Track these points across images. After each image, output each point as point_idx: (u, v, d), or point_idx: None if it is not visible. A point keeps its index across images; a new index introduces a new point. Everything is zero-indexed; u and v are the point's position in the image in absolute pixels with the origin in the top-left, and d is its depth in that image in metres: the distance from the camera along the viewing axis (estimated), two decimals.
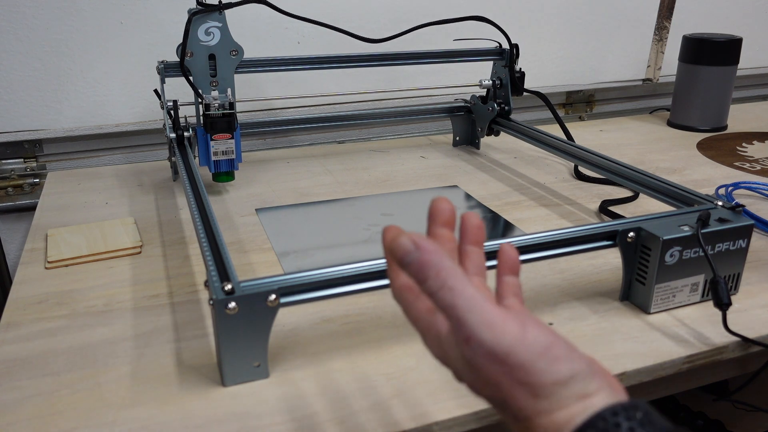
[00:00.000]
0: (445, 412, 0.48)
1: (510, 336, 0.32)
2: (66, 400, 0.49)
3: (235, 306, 0.47)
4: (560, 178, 0.98)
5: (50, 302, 0.63)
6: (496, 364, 0.32)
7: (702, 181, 0.97)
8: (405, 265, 0.34)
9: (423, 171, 1.00)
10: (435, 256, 0.33)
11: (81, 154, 1.04)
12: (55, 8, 0.96)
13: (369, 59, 0.98)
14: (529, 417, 0.32)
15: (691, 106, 1.25)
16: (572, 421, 0.31)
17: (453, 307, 0.32)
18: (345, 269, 0.51)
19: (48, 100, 1.00)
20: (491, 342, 0.32)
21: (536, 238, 0.57)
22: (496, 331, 0.32)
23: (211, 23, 0.83)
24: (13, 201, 1.01)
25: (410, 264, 0.33)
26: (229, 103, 0.84)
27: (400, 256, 0.34)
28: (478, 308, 0.32)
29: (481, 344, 0.32)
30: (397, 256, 0.34)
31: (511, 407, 0.32)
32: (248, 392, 0.50)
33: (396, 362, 0.54)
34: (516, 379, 0.32)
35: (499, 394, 0.32)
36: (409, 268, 0.33)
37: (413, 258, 0.33)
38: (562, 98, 1.36)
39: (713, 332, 0.58)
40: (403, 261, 0.34)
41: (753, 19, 1.53)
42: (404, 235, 0.34)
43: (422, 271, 0.33)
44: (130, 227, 0.78)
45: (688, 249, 0.58)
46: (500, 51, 1.03)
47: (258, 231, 0.78)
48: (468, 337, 0.32)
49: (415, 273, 0.33)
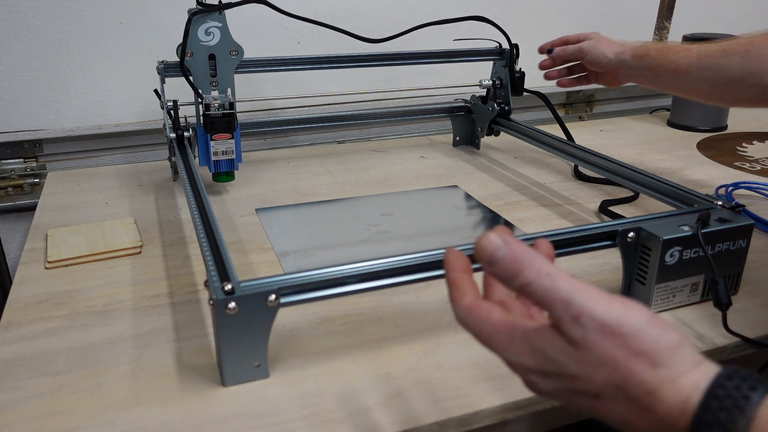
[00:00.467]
0: (446, 411, 0.48)
1: (617, 307, 0.32)
2: (66, 400, 0.49)
3: (235, 306, 0.47)
4: (560, 178, 0.98)
5: (50, 302, 0.63)
6: (610, 337, 0.31)
7: (702, 181, 0.97)
8: (496, 261, 0.34)
9: (423, 171, 1.00)
10: (525, 247, 0.33)
11: (81, 154, 1.04)
12: (55, 8, 0.96)
13: (369, 59, 0.98)
14: (653, 390, 0.31)
15: (691, 106, 1.25)
16: (698, 386, 0.31)
17: (555, 289, 0.32)
18: (345, 269, 0.51)
19: (48, 100, 1.00)
20: (602, 314, 0.31)
21: (536, 238, 0.57)
22: (603, 304, 0.32)
23: (211, 23, 0.83)
24: (13, 201, 1.01)
25: (503, 258, 0.33)
26: (229, 103, 0.84)
27: (491, 251, 0.34)
28: (580, 286, 0.32)
29: (593, 317, 0.31)
30: (488, 252, 0.34)
31: (631, 384, 0.31)
32: (248, 392, 0.50)
33: (396, 362, 0.54)
34: (632, 350, 0.31)
35: (616, 372, 0.31)
36: (501, 263, 0.33)
37: (504, 252, 0.33)
38: (562, 98, 1.36)
39: (713, 332, 0.58)
40: (494, 257, 0.34)
41: (753, 19, 1.53)
42: (491, 232, 0.34)
43: (516, 262, 0.33)
44: (130, 227, 0.78)
45: (688, 249, 0.58)
46: (500, 51, 1.03)
47: (258, 231, 0.78)
48: (578, 314, 0.32)
49: (508, 266, 0.33)
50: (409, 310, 0.61)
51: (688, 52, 0.80)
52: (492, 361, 0.53)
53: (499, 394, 0.50)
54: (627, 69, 0.88)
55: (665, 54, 0.83)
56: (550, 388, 0.34)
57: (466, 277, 0.38)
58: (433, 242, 0.76)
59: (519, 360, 0.35)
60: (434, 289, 0.65)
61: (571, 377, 0.33)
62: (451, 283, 0.37)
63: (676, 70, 0.81)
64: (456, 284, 0.37)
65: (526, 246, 0.34)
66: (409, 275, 0.53)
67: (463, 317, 0.36)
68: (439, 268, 0.54)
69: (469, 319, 0.36)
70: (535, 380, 0.35)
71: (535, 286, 0.33)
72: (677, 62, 0.81)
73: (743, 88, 0.74)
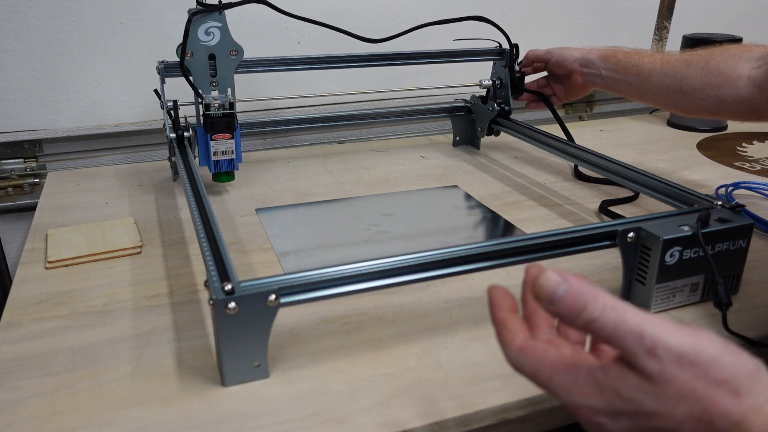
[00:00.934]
0: (446, 411, 0.48)
1: (690, 336, 0.30)
2: (66, 400, 0.49)
3: (235, 306, 0.47)
4: (560, 178, 0.98)
5: (50, 302, 0.63)
6: (689, 368, 0.30)
7: (702, 181, 0.97)
8: (557, 300, 0.32)
9: (423, 171, 1.00)
10: (586, 282, 0.32)
11: (81, 154, 1.04)
12: (55, 8, 0.96)
13: (369, 59, 0.98)
14: (738, 420, 0.29)
15: None
16: None
17: (624, 322, 0.31)
18: (345, 269, 0.51)
19: (48, 100, 1.00)
20: (678, 344, 0.30)
21: (536, 238, 0.57)
22: (677, 334, 0.30)
23: (211, 23, 0.83)
24: (13, 201, 1.00)
25: (564, 295, 0.32)
26: (229, 103, 0.84)
27: (551, 289, 0.32)
28: (649, 317, 0.31)
29: (669, 348, 0.30)
30: (547, 290, 0.32)
31: (714, 416, 0.30)
32: (248, 392, 0.50)
33: (396, 362, 0.54)
34: (712, 379, 0.30)
35: (698, 405, 0.30)
36: (563, 300, 0.32)
37: (565, 288, 0.32)
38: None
39: (713, 332, 0.58)
40: (554, 295, 0.32)
41: (753, 19, 1.53)
42: (548, 270, 0.33)
43: (579, 298, 0.31)
44: (130, 227, 0.78)
45: (688, 249, 0.58)
46: (500, 51, 1.03)
47: (258, 231, 0.78)
48: (653, 345, 0.30)
49: (570, 303, 0.32)
50: (409, 310, 0.61)
51: (653, 58, 0.83)
52: (492, 361, 0.53)
53: (499, 394, 0.50)
54: (592, 68, 0.91)
55: (631, 57, 0.86)
56: (621, 428, 0.32)
57: (514, 316, 0.36)
58: (433, 242, 0.76)
59: (585, 401, 0.32)
60: (434, 289, 0.65)
61: (647, 415, 0.31)
62: (499, 323, 0.36)
63: (639, 74, 0.83)
64: (505, 324, 0.35)
65: (587, 280, 0.32)
66: (409, 275, 0.53)
67: (517, 359, 0.35)
68: (439, 268, 0.54)
69: (525, 361, 0.34)
70: (604, 422, 0.32)
71: (602, 322, 0.31)
72: (641, 66, 0.84)
73: (701, 99, 0.77)
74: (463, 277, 0.66)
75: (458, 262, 0.55)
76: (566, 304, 0.32)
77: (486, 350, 0.55)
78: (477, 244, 0.55)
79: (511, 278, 0.66)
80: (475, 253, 0.55)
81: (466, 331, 0.58)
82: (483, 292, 0.64)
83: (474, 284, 0.66)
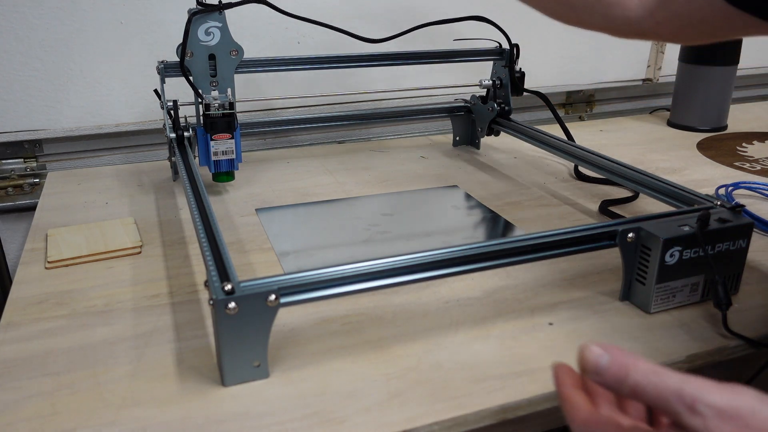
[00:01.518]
0: (446, 411, 0.48)
1: (728, 391, 0.32)
2: (66, 400, 0.49)
3: (235, 306, 0.47)
4: (560, 178, 0.98)
5: (50, 302, 0.63)
6: (730, 420, 0.31)
7: (702, 181, 0.97)
8: (603, 370, 0.34)
9: (423, 171, 1.00)
10: (624, 351, 0.34)
11: (81, 154, 1.04)
12: (55, 8, 0.96)
13: (369, 59, 0.98)
14: None
15: (691, 106, 1.25)
16: None
17: (665, 384, 0.33)
18: (345, 269, 0.51)
19: (48, 100, 1.00)
20: (717, 399, 0.32)
21: (536, 238, 0.57)
22: (715, 390, 0.32)
23: (211, 23, 0.83)
24: (13, 201, 1.01)
25: (608, 366, 0.34)
26: (229, 103, 0.84)
27: (595, 361, 0.34)
28: (687, 377, 0.33)
29: (709, 404, 0.32)
30: (591, 363, 0.34)
31: None
32: (248, 392, 0.50)
33: (396, 362, 0.54)
34: (754, 430, 0.31)
35: None
36: (609, 371, 0.34)
37: (607, 359, 0.34)
38: (562, 98, 1.36)
39: (713, 332, 0.58)
40: (598, 367, 0.34)
41: None
42: (589, 344, 0.35)
43: (622, 368, 0.34)
44: (130, 227, 0.78)
45: (688, 249, 0.58)
46: (500, 51, 1.03)
47: (258, 231, 0.78)
48: (693, 402, 0.32)
49: (615, 372, 0.34)
50: (409, 310, 0.61)
51: None
52: (492, 361, 0.53)
53: (499, 394, 0.50)
54: None
55: None
56: None
57: (578, 392, 0.38)
58: (433, 242, 0.76)
59: None
60: (434, 289, 0.65)
61: None
62: (564, 399, 0.38)
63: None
64: (569, 400, 0.37)
65: (624, 349, 0.35)
66: (409, 275, 0.53)
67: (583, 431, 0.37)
68: (439, 268, 0.54)
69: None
70: None
71: (645, 385, 0.33)
72: None
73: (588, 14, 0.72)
74: (463, 277, 0.66)
75: (458, 262, 0.55)
76: (611, 373, 0.34)
77: (486, 350, 0.55)
78: (477, 244, 0.55)
79: (511, 278, 0.67)
80: (475, 253, 0.55)
81: (466, 331, 0.58)
82: (483, 292, 0.64)
83: (474, 284, 0.66)
